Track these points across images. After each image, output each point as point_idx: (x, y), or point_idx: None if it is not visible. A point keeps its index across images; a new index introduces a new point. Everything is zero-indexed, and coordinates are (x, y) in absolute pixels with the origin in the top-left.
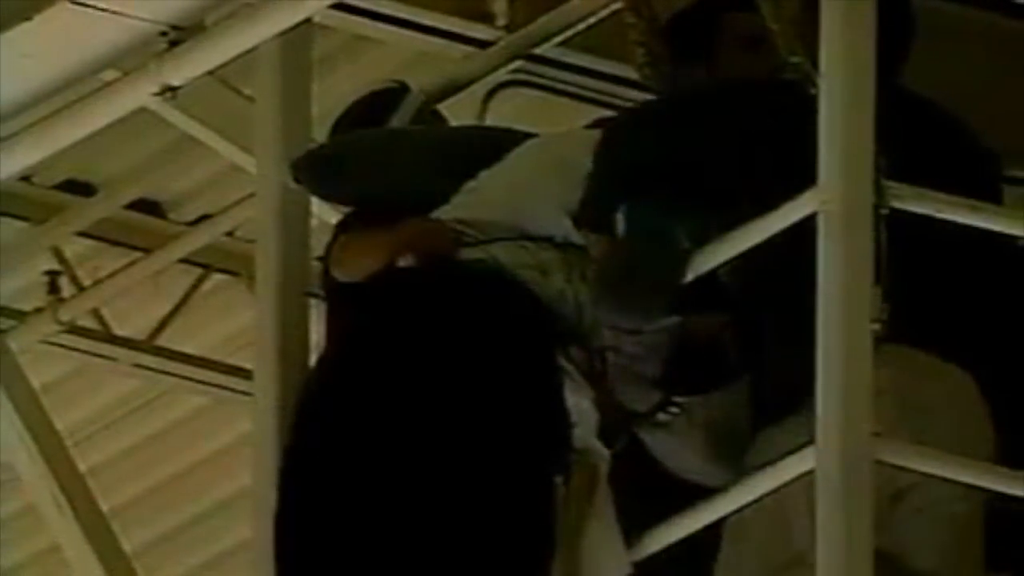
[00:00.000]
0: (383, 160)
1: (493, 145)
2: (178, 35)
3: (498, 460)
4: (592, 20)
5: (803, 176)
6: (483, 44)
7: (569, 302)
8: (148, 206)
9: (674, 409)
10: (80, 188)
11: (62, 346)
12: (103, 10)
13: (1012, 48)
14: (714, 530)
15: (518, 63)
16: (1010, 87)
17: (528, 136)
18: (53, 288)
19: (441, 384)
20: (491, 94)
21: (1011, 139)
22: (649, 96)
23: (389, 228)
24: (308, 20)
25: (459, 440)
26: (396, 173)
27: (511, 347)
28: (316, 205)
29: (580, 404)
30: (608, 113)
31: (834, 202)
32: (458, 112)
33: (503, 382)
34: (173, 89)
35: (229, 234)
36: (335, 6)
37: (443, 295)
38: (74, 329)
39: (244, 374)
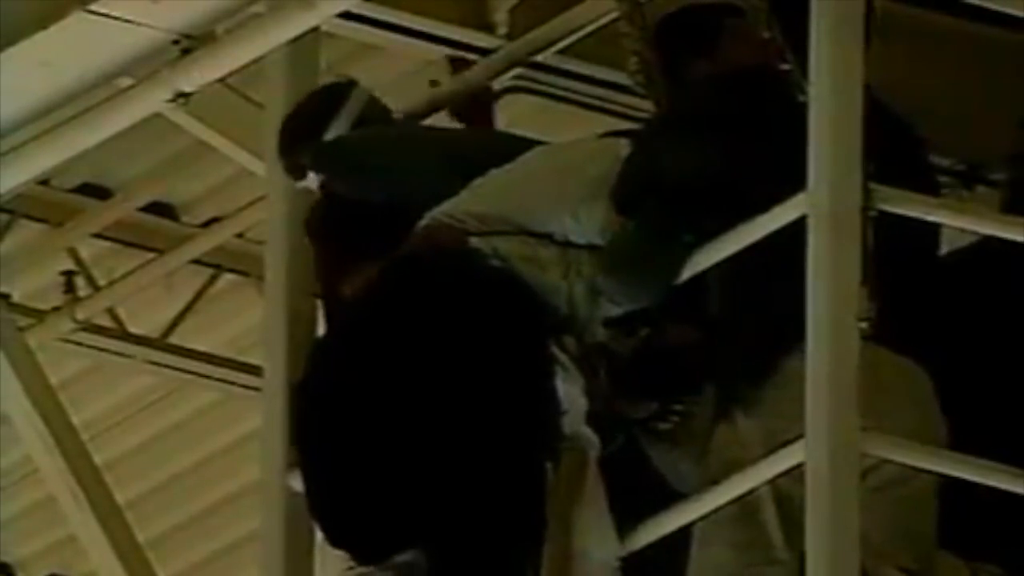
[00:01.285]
0: (398, 158)
1: (506, 150)
2: (190, 43)
3: (487, 446)
4: (590, 29)
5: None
6: (485, 52)
7: (563, 297)
8: (161, 209)
9: (673, 417)
10: (96, 191)
11: (78, 344)
12: (118, 19)
13: (976, 53)
14: (686, 530)
15: (518, 70)
16: (978, 91)
17: (540, 143)
18: (70, 288)
19: (432, 370)
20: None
21: (979, 141)
22: (643, 100)
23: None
24: (315, 29)
25: (448, 426)
26: (411, 172)
27: (502, 334)
28: None
29: (571, 392)
30: (607, 118)
31: (823, 205)
32: None
33: (493, 369)
34: (185, 95)
35: (239, 236)
36: (341, 15)
37: (437, 283)
38: (90, 327)
39: (254, 370)
